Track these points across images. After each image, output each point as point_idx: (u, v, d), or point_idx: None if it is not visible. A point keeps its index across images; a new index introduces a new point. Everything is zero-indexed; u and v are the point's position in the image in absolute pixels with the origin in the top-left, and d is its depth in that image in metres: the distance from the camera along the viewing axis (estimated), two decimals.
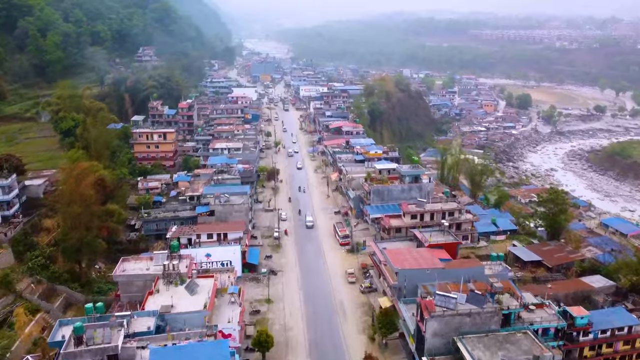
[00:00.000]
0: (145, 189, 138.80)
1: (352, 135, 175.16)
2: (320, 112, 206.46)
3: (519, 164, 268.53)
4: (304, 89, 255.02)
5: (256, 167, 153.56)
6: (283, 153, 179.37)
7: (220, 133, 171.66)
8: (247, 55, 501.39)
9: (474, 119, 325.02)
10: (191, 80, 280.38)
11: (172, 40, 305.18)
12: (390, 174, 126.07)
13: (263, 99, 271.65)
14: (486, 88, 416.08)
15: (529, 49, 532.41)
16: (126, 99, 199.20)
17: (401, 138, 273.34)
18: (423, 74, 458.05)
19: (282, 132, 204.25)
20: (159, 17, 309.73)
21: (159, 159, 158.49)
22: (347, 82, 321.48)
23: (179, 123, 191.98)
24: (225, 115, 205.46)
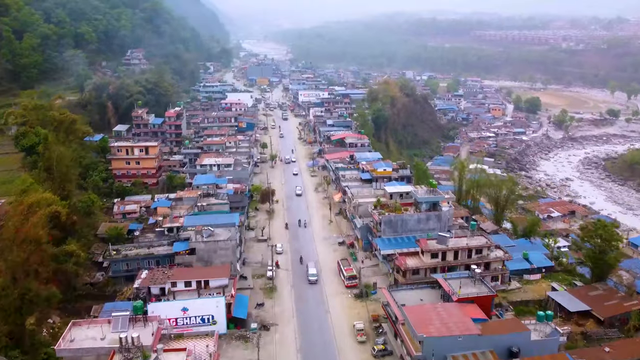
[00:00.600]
0: (121, 213, 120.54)
1: (357, 147, 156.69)
2: (320, 121, 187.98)
3: (532, 173, 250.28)
4: (303, 94, 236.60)
5: (249, 185, 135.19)
6: (280, 167, 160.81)
7: (210, 146, 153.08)
8: (245, 57, 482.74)
9: (482, 124, 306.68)
10: (183, 85, 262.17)
11: (164, 42, 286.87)
12: (403, 198, 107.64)
13: (259, 104, 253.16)
14: (492, 91, 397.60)
15: (534, 50, 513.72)
16: (109, 107, 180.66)
17: (407, 145, 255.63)
18: (426, 76, 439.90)
19: (279, 143, 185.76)
20: (149, 18, 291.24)
21: (140, 176, 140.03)
22: (349, 85, 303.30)
23: (165, 133, 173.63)
24: (217, 124, 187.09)
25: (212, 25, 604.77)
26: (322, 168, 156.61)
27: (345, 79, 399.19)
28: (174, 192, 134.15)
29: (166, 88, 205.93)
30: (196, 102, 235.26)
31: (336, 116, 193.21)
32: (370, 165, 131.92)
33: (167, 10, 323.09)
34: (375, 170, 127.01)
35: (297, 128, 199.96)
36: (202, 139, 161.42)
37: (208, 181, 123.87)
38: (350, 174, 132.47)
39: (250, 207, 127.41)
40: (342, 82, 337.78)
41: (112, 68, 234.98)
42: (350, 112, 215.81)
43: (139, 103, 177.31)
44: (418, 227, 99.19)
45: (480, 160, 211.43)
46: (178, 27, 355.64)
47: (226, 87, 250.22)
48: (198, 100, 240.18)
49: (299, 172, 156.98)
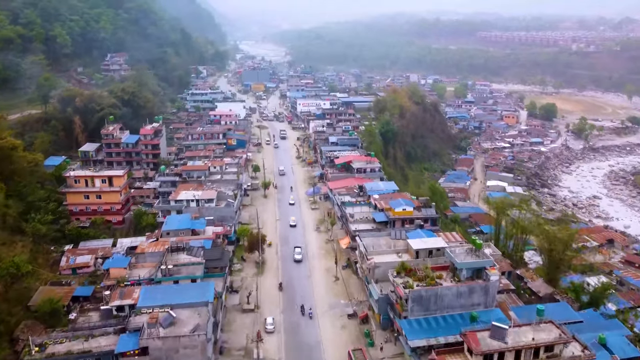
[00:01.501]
0: (71, 267, 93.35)
1: (366, 173, 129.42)
2: (322, 137, 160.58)
3: (555, 190, 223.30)
4: (302, 103, 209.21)
5: (235, 225, 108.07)
6: (273, 196, 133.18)
7: (190, 172, 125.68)
8: (242, 59, 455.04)
9: (495, 133, 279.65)
10: (170, 92, 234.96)
11: (150, 45, 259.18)
12: (433, 255, 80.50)
13: (254, 114, 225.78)
14: (502, 95, 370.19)
15: (543, 52, 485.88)
16: (76, 122, 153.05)
17: (416, 158, 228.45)
18: (431, 80, 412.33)
19: (275, 163, 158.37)
20: (135, 19, 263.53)
21: (102, 213, 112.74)
22: (352, 92, 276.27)
23: (141, 154, 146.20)
24: (202, 141, 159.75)
25: (208, 26, 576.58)
26: (325, 197, 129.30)
27: (346, 83, 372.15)
28: (142, 233, 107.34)
29: (146, 98, 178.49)
30: (183, 113, 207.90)
31: (340, 132, 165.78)
32: (385, 201, 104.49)
33: (154, 10, 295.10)
34: (393, 209, 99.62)
35: (295, 145, 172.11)
36: (182, 163, 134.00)
37: (182, 225, 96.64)
38: (360, 212, 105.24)
39: (236, 256, 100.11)
40: (344, 88, 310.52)
41: (89, 75, 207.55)
42: (355, 124, 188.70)
43: (111, 118, 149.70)
44: (457, 303, 71.98)
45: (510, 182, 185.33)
46: (168, 28, 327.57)
47: (216, 95, 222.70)
48: (186, 110, 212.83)
49: (297, 201, 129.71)
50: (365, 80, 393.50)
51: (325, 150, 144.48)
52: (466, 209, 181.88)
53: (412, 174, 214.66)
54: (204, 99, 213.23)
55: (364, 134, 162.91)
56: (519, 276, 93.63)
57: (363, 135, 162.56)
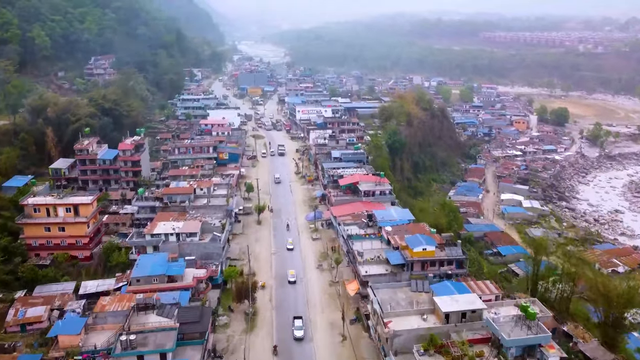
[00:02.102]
0: (19, 322, 75.62)
1: (375, 196, 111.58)
2: (323, 151, 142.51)
3: (573, 203, 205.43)
4: (302, 111, 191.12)
5: (223, 262, 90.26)
6: (268, 222, 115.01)
7: (173, 195, 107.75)
8: (239, 61, 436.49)
9: (506, 140, 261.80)
10: (159, 98, 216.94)
11: (140, 47, 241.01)
12: (467, 320, 62.67)
13: (249, 121, 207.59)
14: (510, 99, 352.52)
15: (549, 53, 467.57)
16: (48, 135, 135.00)
17: (423, 168, 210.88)
18: (435, 82, 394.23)
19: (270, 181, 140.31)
20: (124, 19, 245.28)
21: (66, 248, 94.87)
22: (354, 96, 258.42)
23: (120, 172, 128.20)
24: (190, 155, 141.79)
25: (206, 26, 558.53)
26: (328, 224, 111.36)
27: (348, 86, 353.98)
28: (112, 274, 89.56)
29: (130, 106, 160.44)
30: (172, 121, 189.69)
31: (343, 145, 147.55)
32: (399, 235, 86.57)
33: (146, 10, 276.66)
34: (410, 249, 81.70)
35: (294, 160, 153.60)
36: (164, 184, 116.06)
37: (156, 270, 78.79)
38: (370, 249, 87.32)
39: (222, 306, 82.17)
40: (346, 92, 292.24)
41: (71, 79, 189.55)
42: (360, 135, 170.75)
43: (86, 130, 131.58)
44: None
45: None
46: (162, 29, 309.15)
47: (209, 101, 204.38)
48: (176, 118, 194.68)
49: (295, 228, 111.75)
50: (366, 83, 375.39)
51: (327, 168, 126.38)
52: (480, 227, 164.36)
53: (420, 185, 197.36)
54: (196, 106, 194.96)
55: (369, 147, 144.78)
56: (566, 333, 75.74)
57: (369, 148, 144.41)
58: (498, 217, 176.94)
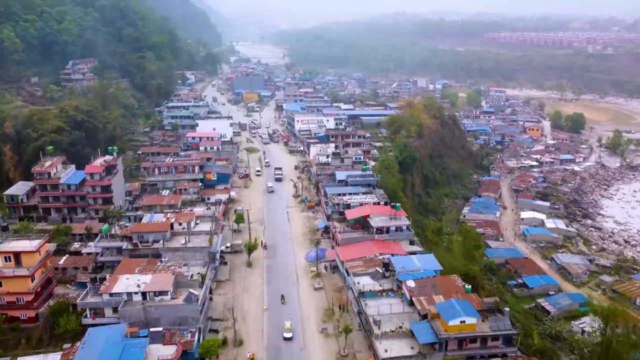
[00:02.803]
0: None
1: (389, 233, 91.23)
2: (326, 172, 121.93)
3: (599, 221, 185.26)
4: (301, 120, 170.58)
5: (202, 331, 69.92)
6: (260, 264, 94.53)
7: (145, 234, 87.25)
8: (236, 62, 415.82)
9: (520, 149, 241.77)
10: (146, 106, 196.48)
11: (127, 49, 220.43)
12: None
13: (244, 130, 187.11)
14: (520, 103, 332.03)
15: (557, 54, 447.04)
16: (6, 154, 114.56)
17: (434, 182, 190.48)
18: (440, 85, 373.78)
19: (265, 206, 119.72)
20: (109, 19, 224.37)
21: (5, 307, 74.48)
22: (357, 102, 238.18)
23: (87, 199, 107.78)
24: (172, 176, 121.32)
25: (202, 27, 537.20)
26: (332, 267, 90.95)
27: (349, 89, 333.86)
28: (60, 343, 69.18)
29: (106, 118, 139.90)
30: (157, 132, 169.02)
31: (349, 163, 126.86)
32: (427, 298, 66.22)
33: (135, 9, 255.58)
34: (444, 322, 61.26)
35: (292, 181, 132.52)
36: (136, 219, 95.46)
37: (105, 355, 58.11)
38: (389, 314, 67.07)
39: None
40: (348, 96, 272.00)
41: (45, 86, 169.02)
42: (366, 148, 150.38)
43: (49, 149, 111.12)
44: None
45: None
46: (153, 29, 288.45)
47: (199, 110, 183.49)
48: (162, 128, 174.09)
49: (294, 271, 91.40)
50: (369, 86, 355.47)
51: (331, 194, 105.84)
52: (501, 252, 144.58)
53: (432, 202, 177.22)
54: (184, 115, 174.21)
55: (379, 167, 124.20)
56: None
57: (379, 167, 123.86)
58: (519, 238, 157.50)
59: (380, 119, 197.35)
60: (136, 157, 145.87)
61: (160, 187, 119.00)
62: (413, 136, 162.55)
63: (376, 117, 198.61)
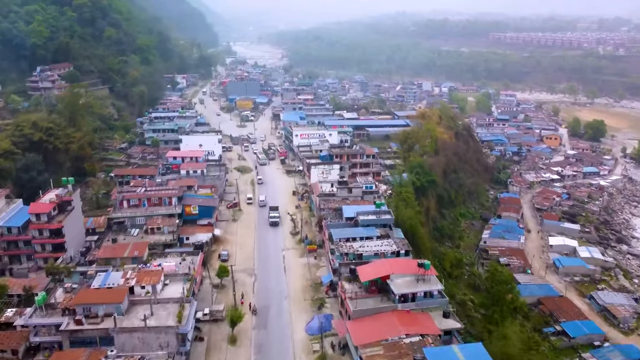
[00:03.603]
0: None
1: (416, 301, 68.62)
2: (331, 205, 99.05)
3: (634, 245, 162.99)
4: (301, 135, 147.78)
5: None
6: (247, 337, 71.81)
7: (93, 306, 64.50)
8: (232, 64, 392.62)
9: (538, 160, 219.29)
10: (127, 116, 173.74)
11: (108, 53, 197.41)
12: None
13: (236, 144, 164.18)
14: (532, 108, 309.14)
15: (567, 55, 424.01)
16: None
17: (449, 202, 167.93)
18: (446, 87, 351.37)
19: (256, 250, 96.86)
20: (87, 19, 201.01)
21: None
22: (362, 110, 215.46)
23: (32, 245, 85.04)
24: (144, 211, 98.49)
25: (198, 27, 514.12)
26: (342, 346, 68.22)
27: (351, 93, 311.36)
28: None
29: (70, 137, 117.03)
30: (136, 149, 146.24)
31: (359, 193, 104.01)
32: None
33: (119, 9, 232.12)
34: None
35: (289, 214, 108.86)
36: (86, 278, 72.62)
37: None
38: None
39: None
40: (351, 102, 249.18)
41: (6, 96, 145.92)
42: (376, 170, 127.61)
43: None
44: None
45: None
46: (142, 30, 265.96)
47: (186, 121, 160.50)
48: (142, 144, 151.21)
49: (290, 348, 68.84)
50: (372, 89, 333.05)
51: (337, 238, 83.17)
52: (533, 290, 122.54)
53: (447, 225, 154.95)
54: (167, 128, 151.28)
55: (395, 200, 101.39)
56: None
57: (395, 201, 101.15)
58: (549, 270, 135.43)
59: (389, 131, 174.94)
60: (108, 180, 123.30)
61: (128, 225, 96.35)
62: (428, 151, 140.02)
63: (384, 129, 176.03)
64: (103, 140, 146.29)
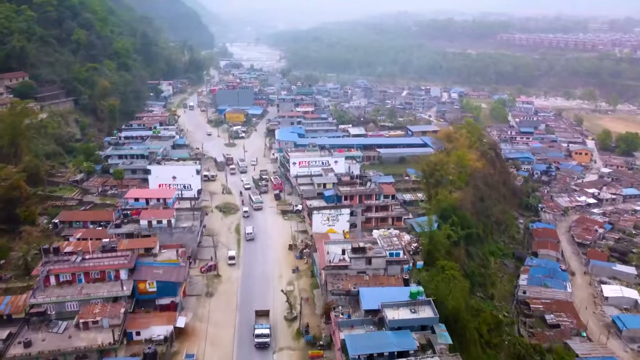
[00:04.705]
0: None
1: None
2: (344, 289, 68.50)
3: None
4: (299, 163, 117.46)
5: None
6: None
7: None
8: (226, 68, 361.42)
9: (570, 180, 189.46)
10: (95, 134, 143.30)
11: (76, 59, 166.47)
12: None
13: (221, 171, 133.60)
14: (551, 116, 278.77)
15: (581, 57, 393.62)
16: None
17: (477, 238, 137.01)
18: (456, 93, 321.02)
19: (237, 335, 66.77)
20: (53, 20, 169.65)
21: None
22: (370, 124, 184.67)
23: None
24: (78, 293, 68.04)
25: (192, 27, 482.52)
26: None
27: (355, 100, 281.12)
28: None
29: None
30: (94, 182, 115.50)
31: (381, 265, 73.22)
32: None
33: (91, 7, 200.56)
34: None
35: (282, 291, 77.21)
36: None
37: None
38: None
39: None
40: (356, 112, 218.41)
41: None
42: (397, 214, 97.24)
43: None
44: None
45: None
46: (124, 31, 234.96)
47: (161, 143, 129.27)
48: (105, 173, 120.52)
49: None
50: (376, 95, 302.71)
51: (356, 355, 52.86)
52: None
53: (476, 268, 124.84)
54: (136, 153, 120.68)
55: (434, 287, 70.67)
56: None
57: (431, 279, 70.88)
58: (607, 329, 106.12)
59: (404, 153, 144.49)
60: (51, 228, 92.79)
61: (53, 315, 66.03)
62: (458, 184, 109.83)
63: (399, 150, 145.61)
64: (55, 170, 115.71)
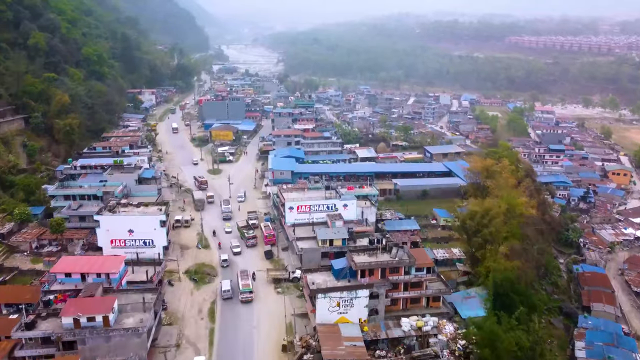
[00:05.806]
0: None
1: None
2: None
3: None
4: (297, 208, 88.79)
5: None
6: None
7: None
8: (219, 72, 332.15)
9: (611, 207, 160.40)
10: (47, 161, 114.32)
11: (35, 68, 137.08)
12: None
13: (201, 210, 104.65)
14: (574, 128, 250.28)
15: (599, 62, 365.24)
16: None
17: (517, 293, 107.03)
18: (467, 101, 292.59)
19: None
20: (9, 21, 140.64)
21: None
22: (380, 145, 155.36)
23: None
24: None
25: (185, 29, 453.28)
26: None
27: (359, 109, 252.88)
28: None
29: None
30: (29, 233, 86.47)
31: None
32: None
33: (58, 8, 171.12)
34: None
35: None
36: None
37: None
38: None
39: None
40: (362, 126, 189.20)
41: None
42: (435, 294, 68.65)
43: None
44: None
45: None
46: (101, 33, 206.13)
47: (122, 177, 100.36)
48: (49, 217, 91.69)
49: None
50: (381, 103, 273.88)
51: None
52: None
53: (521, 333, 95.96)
54: (86, 193, 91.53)
55: None
56: None
57: None
58: None
59: (426, 185, 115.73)
60: None
61: None
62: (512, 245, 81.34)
63: (420, 182, 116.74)
64: None
